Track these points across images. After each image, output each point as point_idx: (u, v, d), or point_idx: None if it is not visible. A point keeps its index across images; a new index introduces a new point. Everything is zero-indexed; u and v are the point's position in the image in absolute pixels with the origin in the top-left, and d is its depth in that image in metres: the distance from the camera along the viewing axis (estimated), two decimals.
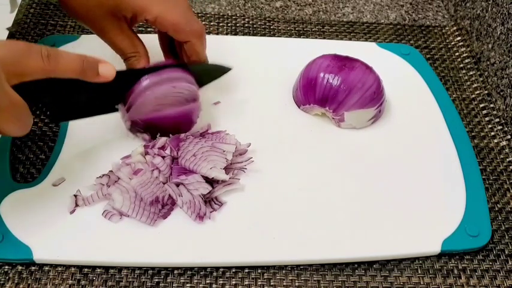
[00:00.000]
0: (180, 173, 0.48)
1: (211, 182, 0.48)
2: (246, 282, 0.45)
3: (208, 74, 0.54)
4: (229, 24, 0.69)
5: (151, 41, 0.53)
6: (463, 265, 0.48)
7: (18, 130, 0.38)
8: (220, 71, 0.55)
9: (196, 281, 0.45)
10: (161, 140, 0.50)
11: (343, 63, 0.55)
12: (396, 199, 0.51)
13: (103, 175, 0.49)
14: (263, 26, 0.69)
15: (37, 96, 0.43)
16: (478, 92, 0.64)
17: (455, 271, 0.47)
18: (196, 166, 0.48)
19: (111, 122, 0.51)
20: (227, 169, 0.49)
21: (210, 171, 0.48)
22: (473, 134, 0.59)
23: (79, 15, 0.48)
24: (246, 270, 0.46)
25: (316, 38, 0.68)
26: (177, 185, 0.48)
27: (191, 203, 0.47)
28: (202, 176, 0.48)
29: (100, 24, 0.48)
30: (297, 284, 0.45)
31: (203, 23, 0.68)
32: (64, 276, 0.44)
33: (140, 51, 0.50)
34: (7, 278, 0.44)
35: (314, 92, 0.55)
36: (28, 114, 0.38)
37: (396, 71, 0.64)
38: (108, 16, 0.47)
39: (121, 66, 0.51)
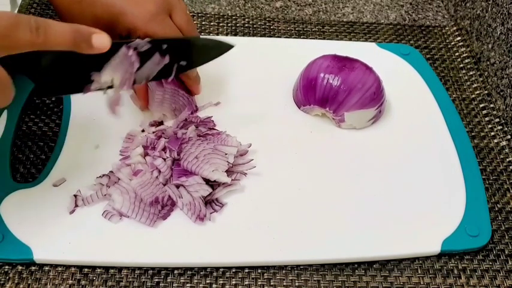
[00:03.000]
0: (180, 174, 0.48)
1: (211, 183, 0.48)
2: (246, 282, 0.45)
3: (208, 51, 0.51)
4: (229, 25, 0.69)
5: None
6: (463, 265, 0.48)
7: None
8: (221, 48, 0.51)
9: (196, 281, 0.45)
10: (161, 142, 0.50)
11: (343, 63, 0.55)
12: (396, 199, 0.51)
13: (103, 175, 0.49)
14: (263, 26, 0.69)
15: (22, 69, 0.41)
16: (478, 92, 0.64)
17: (455, 271, 0.47)
18: (199, 168, 0.48)
19: (112, 122, 0.52)
20: (228, 172, 0.49)
21: (212, 174, 0.48)
22: (473, 134, 0.59)
23: None
24: (246, 270, 0.46)
25: (316, 38, 0.68)
26: (177, 186, 0.48)
27: (191, 205, 0.47)
28: (203, 178, 0.48)
29: None
30: (297, 284, 0.45)
31: (203, 23, 0.69)
32: (64, 276, 0.44)
33: None
34: (7, 278, 0.44)
35: (314, 93, 0.55)
36: (10, 88, 0.37)
37: (396, 71, 0.64)
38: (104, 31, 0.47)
39: None
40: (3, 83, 0.36)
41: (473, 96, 0.63)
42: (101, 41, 0.40)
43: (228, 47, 0.51)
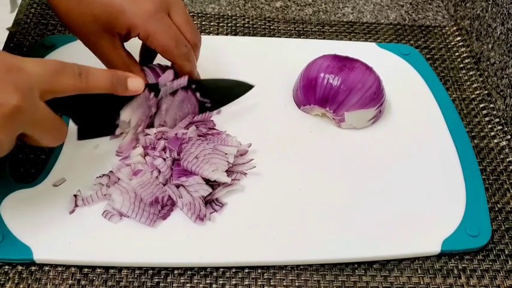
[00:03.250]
0: (180, 174, 0.48)
1: (211, 183, 0.48)
2: (246, 282, 0.45)
3: (227, 92, 0.55)
4: (229, 25, 0.69)
5: None
6: (463, 265, 0.48)
7: (53, 141, 0.42)
8: (240, 88, 0.55)
9: (196, 281, 0.45)
10: (162, 143, 0.50)
11: (343, 63, 0.55)
12: (396, 199, 0.51)
13: (103, 175, 0.49)
14: (263, 26, 0.69)
15: (67, 111, 0.46)
16: (478, 92, 0.64)
17: (455, 271, 0.47)
18: (199, 168, 0.48)
19: None
20: (228, 172, 0.49)
21: (212, 174, 0.48)
22: (473, 134, 0.59)
23: (73, 28, 0.49)
24: (246, 270, 0.46)
25: (316, 38, 0.68)
26: (177, 186, 0.48)
27: (191, 205, 0.47)
28: (203, 178, 0.48)
29: (93, 40, 0.48)
30: (297, 284, 0.45)
31: (203, 23, 0.69)
32: (64, 276, 0.44)
33: (134, 70, 0.50)
34: (7, 278, 0.44)
35: (314, 93, 0.55)
36: (62, 125, 0.42)
37: (396, 71, 0.64)
38: (103, 32, 0.48)
39: None
40: (54, 122, 0.41)
41: (473, 96, 0.63)
42: (135, 84, 0.47)
43: (248, 87, 0.55)
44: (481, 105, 0.62)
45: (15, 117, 0.37)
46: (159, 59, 0.55)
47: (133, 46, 0.52)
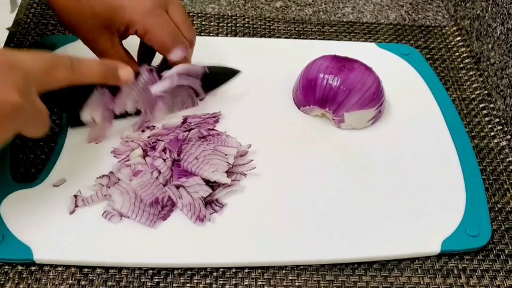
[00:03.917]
0: (180, 175, 0.48)
1: (211, 184, 0.48)
2: (246, 282, 0.45)
3: (216, 77, 0.56)
4: (229, 25, 0.69)
5: None
6: (463, 265, 0.48)
7: (38, 132, 0.42)
8: (227, 74, 0.56)
9: (196, 281, 0.45)
10: (162, 143, 0.50)
11: (342, 64, 0.55)
12: (396, 199, 0.51)
13: (103, 175, 0.49)
14: (263, 27, 0.69)
15: (58, 102, 0.47)
16: (478, 92, 0.64)
17: (455, 271, 0.47)
18: (199, 169, 0.48)
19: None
20: (228, 172, 0.49)
21: (212, 175, 0.48)
22: (473, 134, 0.59)
23: (73, 26, 0.49)
24: (246, 270, 0.46)
25: (316, 38, 0.68)
26: (177, 187, 0.48)
27: (191, 206, 0.47)
28: (203, 179, 0.48)
29: (92, 37, 0.49)
30: (297, 284, 0.45)
31: (203, 23, 0.69)
32: (64, 276, 0.44)
33: (132, 68, 0.50)
34: (7, 278, 0.44)
35: (314, 93, 0.55)
36: (48, 119, 0.42)
37: (396, 71, 0.64)
38: (102, 29, 0.48)
39: None
40: (43, 116, 0.41)
41: (473, 96, 0.63)
42: (126, 73, 0.47)
43: (236, 72, 0.56)
44: (481, 105, 0.62)
45: (16, 114, 0.37)
46: (158, 60, 0.56)
47: (131, 47, 0.52)
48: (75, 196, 0.47)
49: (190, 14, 0.69)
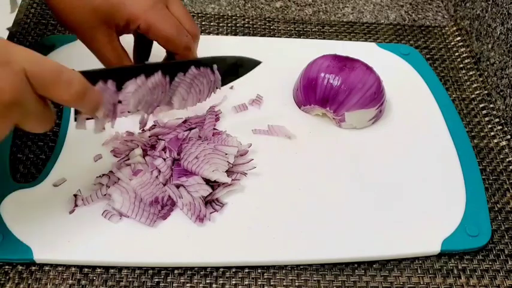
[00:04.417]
0: (180, 174, 0.48)
1: (211, 183, 0.48)
2: (246, 282, 0.45)
3: (235, 69, 0.53)
4: (229, 25, 0.69)
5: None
6: (462, 265, 0.48)
7: (41, 129, 0.40)
8: (248, 64, 0.54)
9: (196, 281, 0.45)
10: (162, 143, 0.50)
11: (343, 63, 0.55)
12: (396, 199, 0.51)
13: (103, 175, 0.49)
14: (263, 26, 0.69)
15: None
16: (478, 92, 0.64)
17: (455, 271, 0.47)
18: (199, 168, 0.48)
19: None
20: (229, 172, 0.49)
21: (212, 174, 0.48)
22: (473, 134, 0.59)
23: (70, 22, 0.48)
24: (246, 270, 0.46)
25: (316, 38, 0.68)
26: (177, 186, 0.48)
27: (191, 205, 0.47)
28: (203, 178, 0.48)
29: (90, 32, 0.48)
30: (297, 284, 0.45)
31: (203, 23, 0.69)
32: (64, 276, 0.44)
33: (127, 64, 0.50)
34: (7, 278, 0.44)
35: (315, 93, 0.55)
36: (52, 115, 0.40)
37: (396, 71, 0.64)
38: (101, 24, 0.48)
39: None
40: (48, 114, 0.39)
41: (473, 96, 0.63)
42: (99, 113, 0.43)
43: (255, 63, 0.53)
44: (481, 105, 0.62)
45: (12, 109, 0.36)
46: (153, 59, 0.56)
47: (126, 47, 0.52)
48: (75, 195, 0.47)
49: (191, 14, 0.69)
